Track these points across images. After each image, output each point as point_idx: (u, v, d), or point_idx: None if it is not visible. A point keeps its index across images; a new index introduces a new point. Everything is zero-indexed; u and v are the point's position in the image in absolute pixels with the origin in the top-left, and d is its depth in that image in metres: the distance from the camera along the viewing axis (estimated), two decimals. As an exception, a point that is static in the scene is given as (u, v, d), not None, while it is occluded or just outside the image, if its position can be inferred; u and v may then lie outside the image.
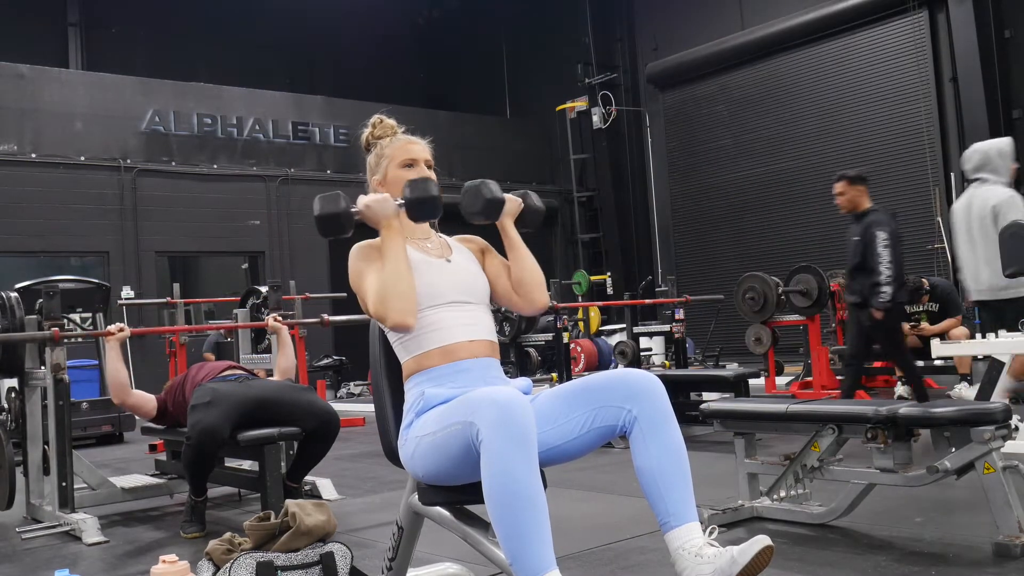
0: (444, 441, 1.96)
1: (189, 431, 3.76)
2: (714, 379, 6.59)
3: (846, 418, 3.20)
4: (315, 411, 3.98)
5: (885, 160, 12.61)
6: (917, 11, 12.12)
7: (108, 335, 4.21)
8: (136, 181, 12.59)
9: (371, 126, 2.38)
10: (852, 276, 5.62)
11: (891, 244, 5.31)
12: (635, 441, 1.98)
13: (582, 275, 14.84)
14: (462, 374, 2.13)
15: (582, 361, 10.41)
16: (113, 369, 4.17)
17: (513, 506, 1.79)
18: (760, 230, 14.09)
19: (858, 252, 5.46)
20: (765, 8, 13.80)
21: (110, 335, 4.20)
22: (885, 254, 5.27)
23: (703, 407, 3.68)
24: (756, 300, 8.16)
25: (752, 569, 1.80)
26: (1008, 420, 2.90)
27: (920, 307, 7.54)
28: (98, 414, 7.45)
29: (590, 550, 3.21)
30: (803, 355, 8.47)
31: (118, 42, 14.61)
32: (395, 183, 2.27)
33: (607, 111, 15.93)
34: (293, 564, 2.40)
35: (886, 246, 5.28)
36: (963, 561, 2.83)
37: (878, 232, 5.34)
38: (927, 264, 11.66)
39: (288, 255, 13.69)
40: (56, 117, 12.14)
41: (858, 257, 5.45)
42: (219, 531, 3.11)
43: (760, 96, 14.10)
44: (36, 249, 11.90)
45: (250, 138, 13.74)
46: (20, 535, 4.01)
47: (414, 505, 2.17)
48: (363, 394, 12.01)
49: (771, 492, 3.47)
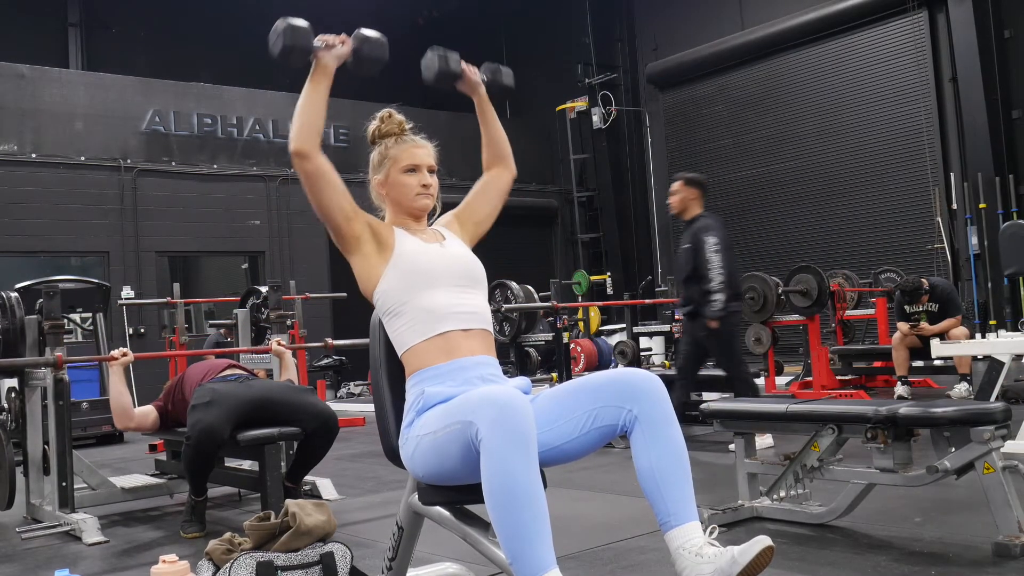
0: (444, 440, 1.96)
1: (189, 431, 3.76)
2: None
3: (846, 418, 3.20)
4: (315, 411, 3.98)
5: (885, 160, 12.61)
6: (917, 11, 12.12)
7: (111, 360, 4.19)
8: (136, 181, 12.58)
9: (379, 120, 2.39)
10: (684, 286, 5.41)
11: (721, 250, 5.13)
12: (635, 441, 1.98)
13: (582, 275, 14.85)
14: (462, 372, 2.13)
15: (582, 361, 10.41)
16: (116, 393, 4.14)
17: (513, 506, 1.79)
18: (760, 230, 14.09)
19: (689, 260, 5.28)
20: (765, 8, 13.80)
21: (113, 360, 4.18)
22: (715, 259, 5.11)
23: (703, 407, 3.68)
24: (756, 300, 8.16)
25: (753, 569, 1.80)
26: (1008, 420, 2.90)
27: (920, 307, 7.55)
28: (98, 414, 7.44)
29: (590, 550, 3.21)
30: (803, 355, 8.47)
31: (118, 42, 14.60)
32: (396, 186, 2.31)
33: (607, 111, 15.93)
34: (293, 564, 2.40)
35: (715, 251, 5.12)
36: (963, 561, 2.83)
37: (707, 238, 5.17)
38: (927, 264, 11.66)
39: (288, 255, 13.68)
40: (56, 117, 12.13)
41: (689, 265, 5.27)
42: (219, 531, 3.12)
43: (760, 96, 14.10)
44: (36, 249, 11.89)
45: (250, 138, 13.74)
46: (20, 535, 4.01)
47: (414, 505, 2.17)
48: (363, 394, 12.01)
49: (771, 492, 3.47)
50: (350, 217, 2.21)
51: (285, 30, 2.14)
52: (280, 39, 2.15)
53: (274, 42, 2.16)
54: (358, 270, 2.25)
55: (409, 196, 2.31)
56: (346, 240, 2.23)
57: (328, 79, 2.21)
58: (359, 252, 2.23)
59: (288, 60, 2.17)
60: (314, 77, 2.20)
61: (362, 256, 2.23)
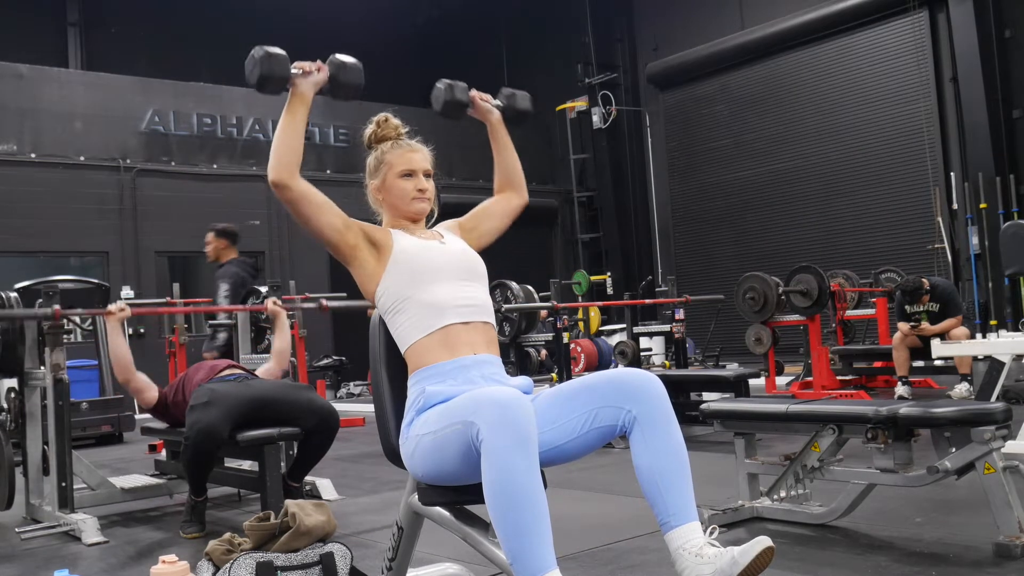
0: (444, 440, 1.96)
1: (188, 431, 3.75)
2: (714, 379, 6.59)
3: (846, 418, 3.19)
4: (314, 409, 3.98)
5: (885, 160, 12.62)
6: (917, 11, 12.13)
7: (108, 314, 4.23)
8: (136, 181, 12.58)
9: (375, 124, 2.39)
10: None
11: (231, 294, 5.72)
12: (635, 441, 1.98)
13: (582, 275, 14.84)
14: (464, 371, 2.13)
15: (582, 361, 10.41)
16: (115, 346, 4.16)
17: (514, 506, 1.79)
18: (760, 230, 14.09)
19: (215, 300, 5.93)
20: (765, 8, 13.80)
21: (110, 314, 4.21)
22: (224, 303, 5.69)
23: (703, 407, 3.67)
24: (756, 300, 8.16)
25: (753, 569, 1.80)
26: (1008, 420, 2.90)
27: (920, 307, 7.54)
28: (98, 414, 7.44)
29: (590, 550, 3.21)
30: (803, 355, 8.47)
31: (118, 42, 14.60)
32: (393, 191, 2.32)
33: (607, 111, 15.94)
34: (293, 564, 2.40)
35: (226, 296, 5.71)
36: (963, 561, 2.83)
37: (221, 284, 5.82)
38: (927, 264, 11.65)
39: (288, 255, 13.68)
40: (56, 117, 12.13)
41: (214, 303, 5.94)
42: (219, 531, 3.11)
43: (760, 96, 14.10)
44: (36, 249, 11.89)
45: (250, 138, 13.74)
46: (20, 535, 4.01)
47: (414, 505, 2.17)
48: (363, 394, 12.01)
49: (771, 492, 3.47)
50: (342, 231, 2.21)
51: (262, 59, 2.13)
52: (257, 67, 2.13)
53: (251, 71, 2.15)
54: (359, 278, 2.26)
55: (405, 200, 2.31)
56: (343, 253, 2.23)
57: (306, 107, 2.20)
58: (356, 261, 2.24)
59: (264, 89, 2.16)
60: (291, 105, 2.19)
61: (360, 265, 2.24)
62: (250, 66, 2.15)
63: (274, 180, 2.15)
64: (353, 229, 2.23)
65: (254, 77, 2.14)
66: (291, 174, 2.15)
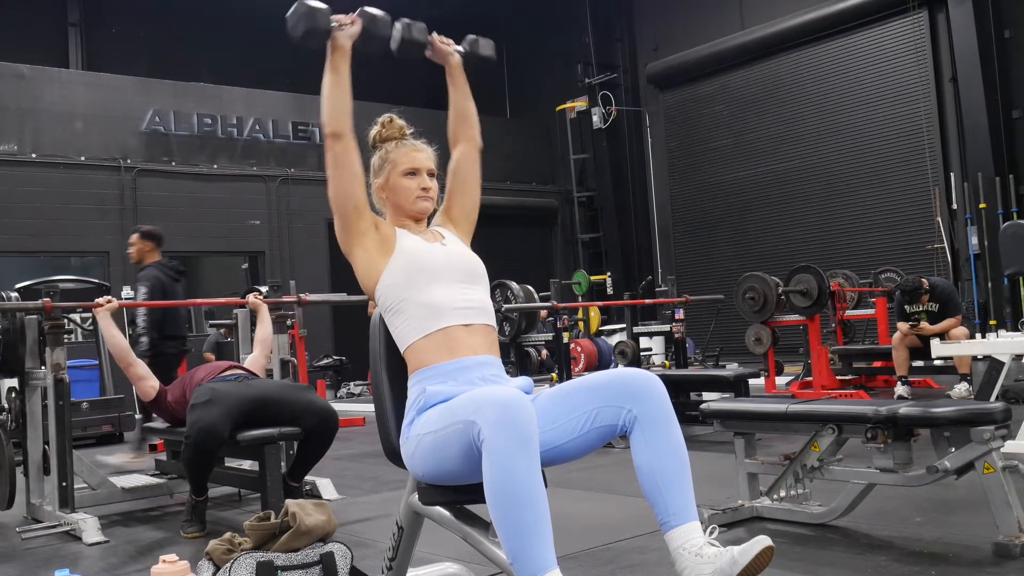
0: (445, 440, 1.96)
1: (188, 430, 3.76)
2: (714, 379, 6.59)
3: (846, 418, 3.19)
4: (314, 408, 3.99)
5: (885, 160, 12.62)
6: (917, 11, 12.13)
7: (97, 306, 4.42)
8: (136, 181, 12.59)
9: (380, 125, 2.40)
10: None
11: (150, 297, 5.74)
12: (635, 440, 1.98)
13: (582, 275, 14.84)
14: (464, 372, 2.13)
15: (582, 361, 10.41)
16: (110, 336, 4.35)
17: (514, 506, 1.79)
18: (760, 230, 14.09)
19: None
20: (765, 8, 13.80)
21: (99, 306, 4.41)
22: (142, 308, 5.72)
23: (703, 407, 3.68)
24: (756, 300, 8.16)
25: (753, 569, 1.80)
26: (1008, 420, 2.90)
27: (920, 307, 7.55)
28: (98, 414, 7.45)
29: (590, 550, 3.21)
30: (803, 355, 8.47)
31: (118, 42, 14.60)
32: (396, 189, 2.33)
33: (607, 111, 15.94)
34: (293, 564, 2.40)
35: (145, 297, 5.75)
36: (963, 561, 2.83)
37: (140, 287, 5.87)
38: (927, 264, 11.66)
39: (288, 255, 13.69)
40: (56, 117, 12.13)
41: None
42: (219, 531, 3.12)
43: (760, 96, 14.11)
44: (36, 249, 11.90)
45: (250, 138, 13.74)
46: (20, 535, 4.01)
47: (414, 505, 2.17)
48: (363, 394, 12.01)
49: (771, 492, 3.47)
50: (360, 209, 2.24)
51: (307, 12, 2.18)
52: (302, 21, 2.18)
53: (294, 24, 2.19)
54: (360, 264, 2.26)
55: (409, 199, 2.32)
56: (351, 232, 2.24)
57: (347, 59, 2.25)
58: (361, 245, 2.24)
59: (310, 42, 2.20)
60: (333, 61, 2.24)
61: (364, 249, 2.24)
62: (293, 19, 2.19)
63: (334, 130, 2.20)
64: (368, 215, 2.26)
65: (299, 30, 2.18)
66: (348, 124, 2.22)
